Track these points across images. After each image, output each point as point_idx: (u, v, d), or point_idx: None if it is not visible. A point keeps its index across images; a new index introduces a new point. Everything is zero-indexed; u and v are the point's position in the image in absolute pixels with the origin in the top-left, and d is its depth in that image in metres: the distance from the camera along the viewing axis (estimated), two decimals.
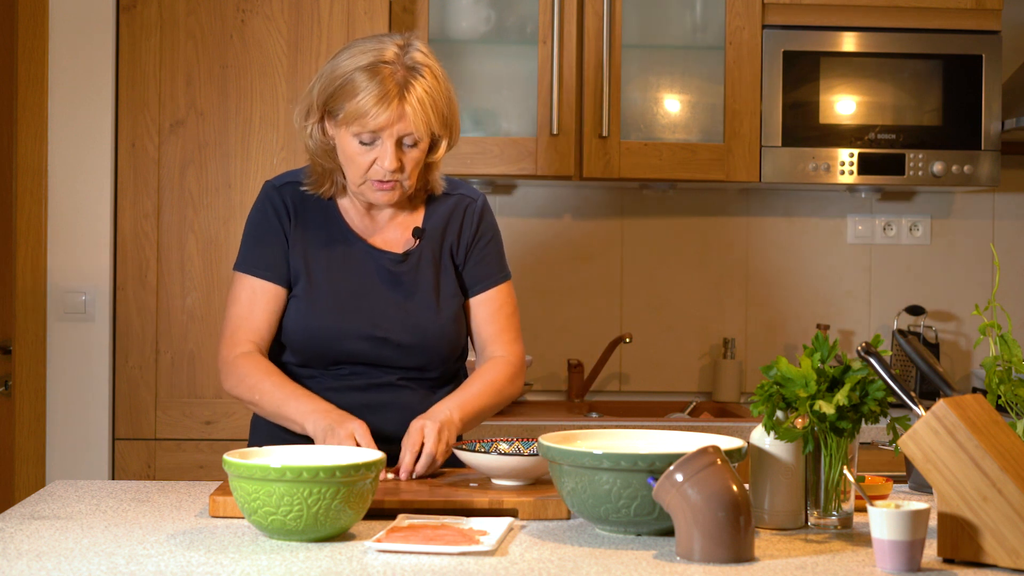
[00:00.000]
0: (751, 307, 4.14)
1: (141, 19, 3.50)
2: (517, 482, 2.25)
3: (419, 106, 2.36)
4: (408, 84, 2.36)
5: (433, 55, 2.44)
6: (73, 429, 3.50)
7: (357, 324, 2.46)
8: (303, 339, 2.47)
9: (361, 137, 2.38)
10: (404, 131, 2.37)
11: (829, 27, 3.79)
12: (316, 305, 2.46)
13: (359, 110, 2.35)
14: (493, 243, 2.58)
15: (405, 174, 2.41)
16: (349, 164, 2.42)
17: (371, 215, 2.53)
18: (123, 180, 3.51)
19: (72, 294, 3.51)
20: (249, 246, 2.52)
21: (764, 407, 2.04)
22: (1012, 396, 2.03)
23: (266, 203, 2.52)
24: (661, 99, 3.85)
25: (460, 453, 2.29)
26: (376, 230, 2.52)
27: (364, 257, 2.49)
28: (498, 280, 2.57)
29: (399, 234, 2.52)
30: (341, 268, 2.48)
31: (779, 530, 2.05)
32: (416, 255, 2.50)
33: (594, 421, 3.64)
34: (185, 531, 2.00)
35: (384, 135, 2.37)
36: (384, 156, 2.38)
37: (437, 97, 2.39)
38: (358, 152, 2.39)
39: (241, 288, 2.50)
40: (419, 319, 2.47)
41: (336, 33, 3.52)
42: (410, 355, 2.48)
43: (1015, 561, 1.79)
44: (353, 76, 2.36)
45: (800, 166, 3.78)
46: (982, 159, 3.80)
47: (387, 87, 2.35)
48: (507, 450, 2.33)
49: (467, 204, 2.56)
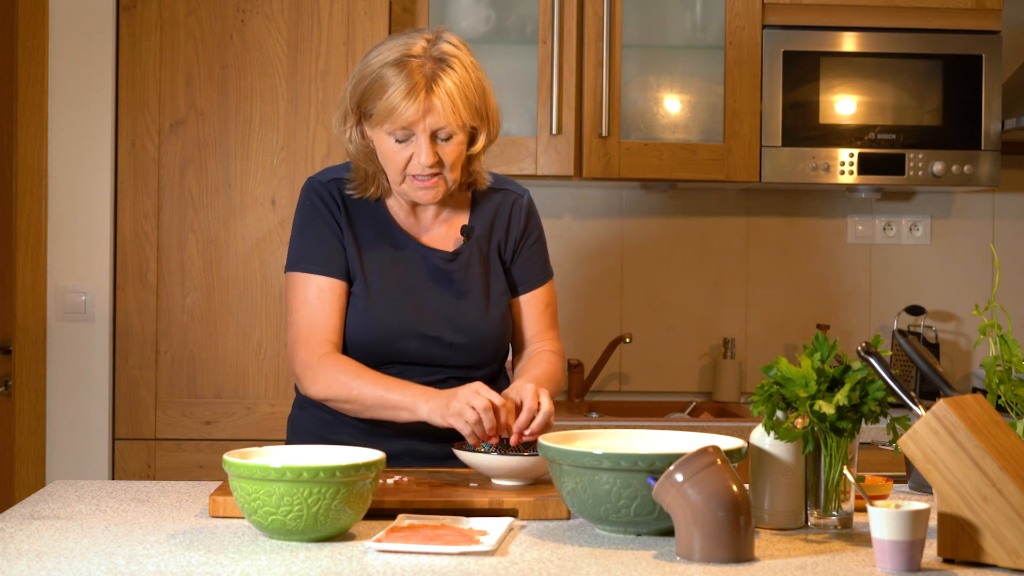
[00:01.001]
0: (751, 307, 4.14)
1: (141, 19, 3.50)
2: (517, 482, 2.25)
3: (448, 98, 2.33)
4: (436, 77, 2.33)
5: (465, 46, 2.40)
6: (73, 429, 3.50)
7: (410, 323, 2.44)
8: (356, 337, 2.44)
9: (395, 135, 2.35)
10: (436, 125, 2.34)
11: (829, 27, 3.79)
12: (370, 304, 2.43)
13: (389, 106, 2.32)
14: (540, 241, 2.57)
15: (446, 169, 2.38)
16: (388, 163, 2.39)
17: (417, 214, 2.50)
18: (123, 180, 3.51)
19: (72, 294, 3.51)
20: (304, 245, 2.46)
21: (764, 407, 2.04)
22: (1012, 396, 2.03)
23: (315, 198, 2.47)
24: (661, 99, 3.85)
25: (460, 453, 2.28)
26: (423, 229, 2.50)
27: (414, 256, 2.47)
28: (544, 279, 2.57)
29: (446, 231, 2.50)
30: (392, 267, 2.46)
31: (779, 530, 2.05)
32: (466, 253, 2.49)
33: (594, 421, 3.64)
34: (185, 531, 2.00)
35: (417, 130, 2.34)
36: (420, 152, 2.35)
37: (467, 88, 2.35)
38: (395, 150, 2.36)
39: (306, 288, 2.44)
40: (470, 318, 2.46)
41: (336, 33, 3.52)
42: (460, 354, 2.46)
43: (1015, 561, 1.79)
44: (382, 72, 2.34)
45: (800, 166, 3.77)
46: (982, 159, 3.80)
47: (414, 80, 2.32)
48: (507, 450, 2.33)
49: (514, 200, 2.54)
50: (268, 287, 3.52)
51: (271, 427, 3.51)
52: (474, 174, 2.49)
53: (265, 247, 3.52)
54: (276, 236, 3.52)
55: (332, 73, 3.52)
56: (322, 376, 2.40)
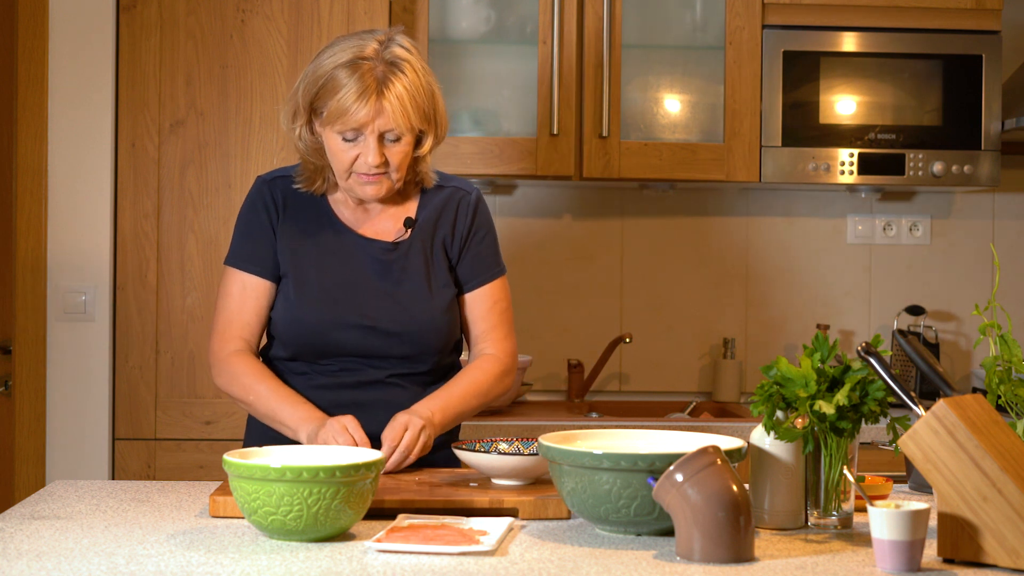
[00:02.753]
0: (751, 307, 4.14)
1: (141, 19, 3.50)
2: (517, 482, 2.25)
3: (398, 102, 2.37)
4: (387, 80, 2.37)
5: (416, 49, 2.44)
6: (73, 429, 3.50)
7: (345, 314, 2.46)
8: (291, 330, 2.48)
9: (344, 134, 2.39)
10: (385, 127, 2.38)
11: (829, 27, 3.79)
12: (304, 296, 2.47)
13: (340, 108, 2.36)
14: (488, 238, 2.58)
15: (392, 168, 2.43)
16: (335, 161, 2.44)
17: (363, 207, 2.53)
18: (123, 180, 3.51)
19: (72, 294, 3.51)
20: (238, 241, 2.54)
21: (764, 407, 2.04)
22: (1012, 396, 2.03)
23: (255, 198, 2.54)
24: (661, 99, 3.85)
25: (460, 453, 2.29)
26: (368, 221, 2.53)
27: (353, 247, 2.50)
28: (493, 275, 2.57)
29: (391, 225, 2.53)
30: (330, 259, 2.49)
31: (779, 530, 2.05)
32: (407, 245, 2.51)
33: (594, 421, 3.64)
34: (185, 531, 2.00)
35: (366, 131, 2.38)
36: (367, 152, 2.39)
37: (416, 93, 2.40)
38: (342, 149, 2.41)
39: (231, 283, 2.52)
40: (408, 307, 2.47)
41: (336, 33, 3.52)
42: (399, 344, 2.47)
43: (1015, 561, 1.79)
44: (334, 74, 2.38)
45: (800, 166, 3.77)
46: (982, 159, 3.80)
47: (366, 83, 2.36)
48: (507, 450, 2.33)
49: (461, 197, 2.56)
50: None
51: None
52: (420, 174, 2.53)
53: None
54: None
55: None
56: (225, 371, 2.49)
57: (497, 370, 2.53)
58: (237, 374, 2.48)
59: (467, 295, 2.56)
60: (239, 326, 2.50)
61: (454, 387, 2.48)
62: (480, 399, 2.50)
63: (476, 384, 2.50)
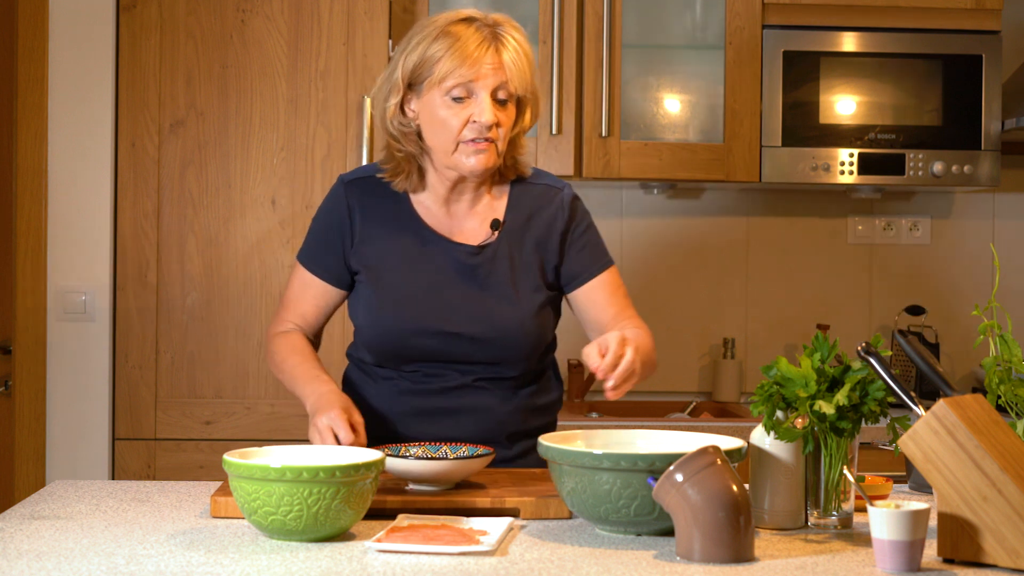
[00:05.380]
0: (751, 307, 4.14)
1: (141, 19, 3.50)
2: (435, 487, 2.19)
3: (516, 54, 2.32)
4: (498, 36, 2.32)
5: None
6: (73, 429, 3.50)
7: (426, 319, 2.39)
8: (373, 336, 2.42)
9: (453, 92, 2.30)
10: (499, 81, 2.31)
11: (829, 27, 3.79)
12: (384, 301, 2.41)
13: (452, 62, 2.29)
14: (590, 231, 2.49)
15: (501, 134, 2.34)
16: (440, 129, 2.34)
17: (448, 207, 2.44)
18: (123, 180, 3.51)
19: (72, 294, 3.51)
20: (310, 239, 2.51)
21: (764, 407, 2.04)
22: (1012, 396, 2.03)
23: (332, 199, 2.48)
24: (661, 99, 3.85)
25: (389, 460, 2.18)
26: (453, 223, 2.44)
27: (437, 251, 2.42)
28: (605, 265, 2.48)
29: (477, 225, 2.44)
30: (412, 263, 2.42)
31: (779, 530, 2.05)
32: (493, 248, 2.42)
33: (594, 421, 3.64)
34: (185, 531, 2.00)
35: (478, 87, 2.30)
36: (481, 110, 2.30)
37: (528, 54, 2.35)
38: (451, 112, 2.32)
39: (297, 277, 2.52)
40: (492, 311, 2.39)
41: (336, 33, 3.52)
42: (483, 350, 2.39)
43: (1015, 561, 1.79)
44: (447, 30, 2.32)
45: (800, 166, 3.78)
46: (982, 159, 3.80)
47: (482, 35, 2.31)
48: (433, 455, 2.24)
49: (553, 195, 2.46)
50: (268, 287, 3.52)
51: (271, 427, 3.51)
52: (517, 161, 2.44)
53: (265, 247, 3.52)
54: (276, 236, 3.52)
55: (332, 73, 3.52)
56: (268, 351, 2.52)
57: (651, 336, 2.41)
58: (273, 352, 2.49)
59: (582, 288, 2.46)
60: (294, 315, 2.50)
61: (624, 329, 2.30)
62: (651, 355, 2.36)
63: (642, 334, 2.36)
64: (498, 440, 2.43)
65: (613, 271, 2.49)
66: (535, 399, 2.49)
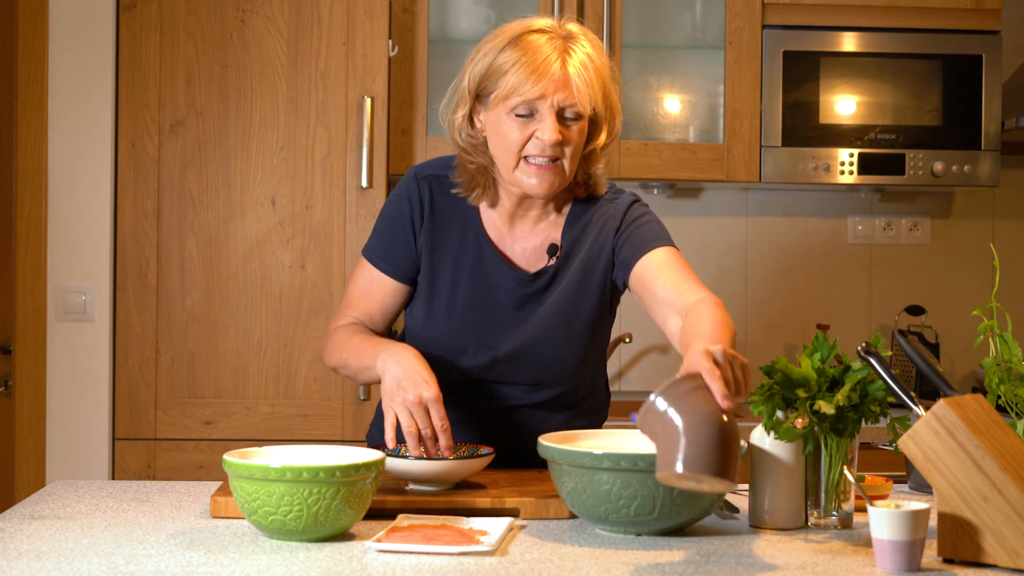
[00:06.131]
0: (751, 307, 4.14)
1: (141, 19, 3.50)
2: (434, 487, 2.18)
3: (583, 71, 2.20)
4: (568, 50, 2.21)
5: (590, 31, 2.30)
6: (73, 429, 3.50)
7: (469, 338, 2.33)
8: (419, 344, 2.33)
9: (518, 109, 2.21)
10: (565, 101, 2.20)
11: (829, 27, 3.79)
12: (433, 313, 2.35)
13: (517, 78, 2.19)
14: (643, 218, 2.35)
15: (568, 153, 2.23)
16: (504, 144, 2.24)
17: (512, 222, 2.36)
18: (123, 180, 3.51)
19: (72, 294, 3.51)
20: (377, 233, 2.41)
21: (764, 407, 2.04)
22: (1012, 396, 2.03)
23: (403, 192, 2.38)
24: (661, 99, 3.85)
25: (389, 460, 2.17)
26: (515, 241, 2.36)
27: (492, 269, 2.34)
28: (664, 243, 2.32)
29: (538, 244, 2.35)
30: (467, 277, 2.34)
31: (779, 530, 2.05)
32: (548, 274, 2.34)
33: None
34: (185, 531, 2.00)
35: (543, 106, 2.20)
36: (545, 128, 2.20)
37: (601, 67, 2.24)
38: (514, 128, 2.22)
39: (361, 273, 2.41)
40: (536, 337, 2.31)
41: (336, 33, 3.52)
42: (527, 372, 2.34)
43: (1015, 561, 1.79)
44: (509, 47, 2.21)
45: (800, 166, 3.78)
46: (982, 159, 3.80)
47: (547, 52, 2.19)
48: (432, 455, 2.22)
49: (607, 207, 2.36)
50: (268, 287, 3.52)
51: (271, 427, 3.51)
52: (592, 177, 2.34)
53: (265, 247, 3.52)
54: (276, 236, 3.52)
55: (332, 73, 3.52)
56: (328, 344, 2.40)
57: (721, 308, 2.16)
58: (335, 341, 2.37)
59: (636, 266, 2.29)
60: (357, 311, 2.39)
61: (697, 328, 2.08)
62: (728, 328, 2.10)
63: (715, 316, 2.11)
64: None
65: (669, 251, 2.32)
66: (579, 420, 2.44)
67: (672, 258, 2.31)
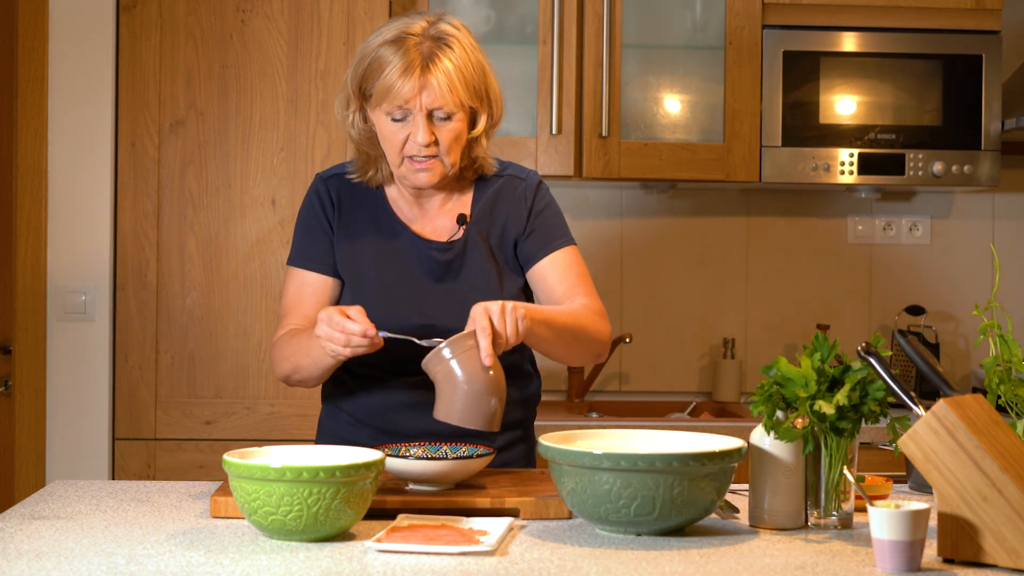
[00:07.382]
0: (751, 307, 4.14)
1: (141, 19, 3.50)
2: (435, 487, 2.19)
3: (445, 77, 2.30)
4: (433, 55, 2.31)
5: (466, 28, 2.38)
6: (73, 429, 3.50)
7: (403, 313, 2.40)
8: None
9: (393, 114, 2.33)
10: (432, 104, 2.31)
11: (829, 27, 3.79)
12: (361, 296, 2.42)
13: (386, 85, 2.31)
14: (549, 211, 2.49)
15: (443, 150, 2.35)
16: (386, 145, 2.37)
17: (420, 203, 2.47)
18: (123, 180, 3.51)
19: (72, 294, 3.51)
20: (298, 239, 2.50)
21: (764, 407, 2.04)
22: (1012, 396, 2.03)
23: (312, 195, 2.49)
24: (661, 99, 3.85)
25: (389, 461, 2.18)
26: (424, 218, 2.47)
27: (409, 246, 2.44)
28: (562, 244, 2.47)
29: (447, 221, 2.46)
30: (386, 258, 2.44)
31: (779, 530, 2.05)
32: (462, 242, 2.44)
33: (594, 421, 3.64)
34: (185, 531, 2.00)
35: (414, 109, 2.31)
36: (416, 131, 2.32)
37: (466, 68, 2.33)
38: (393, 131, 2.34)
39: (291, 281, 2.48)
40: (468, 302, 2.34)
41: (336, 33, 3.52)
42: None
43: (1015, 561, 1.79)
44: (379, 52, 2.32)
45: (800, 166, 3.78)
46: (982, 159, 3.80)
47: (411, 58, 2.30)
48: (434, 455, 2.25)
49: (516, 184, 2.49)
50: (268, 287, 3.52)
51: (271, 427, 3.51)
52: (477, 160, 2.46)
53: (265, 247, 3.52)
54: (276, 236, 3.52)
55: (332, 73, 3.52)
56: (274, 361, 2.46)
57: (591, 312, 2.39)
58: (277, 352, 2.43)
59: (536, 267, 2.46)
60: (295, 318, 2.45)
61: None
62: (573, 323, 2.34)
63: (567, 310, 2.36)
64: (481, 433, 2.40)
65: (571, 250, 2.48)
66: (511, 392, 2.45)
67: (573, 261, 2.49)
